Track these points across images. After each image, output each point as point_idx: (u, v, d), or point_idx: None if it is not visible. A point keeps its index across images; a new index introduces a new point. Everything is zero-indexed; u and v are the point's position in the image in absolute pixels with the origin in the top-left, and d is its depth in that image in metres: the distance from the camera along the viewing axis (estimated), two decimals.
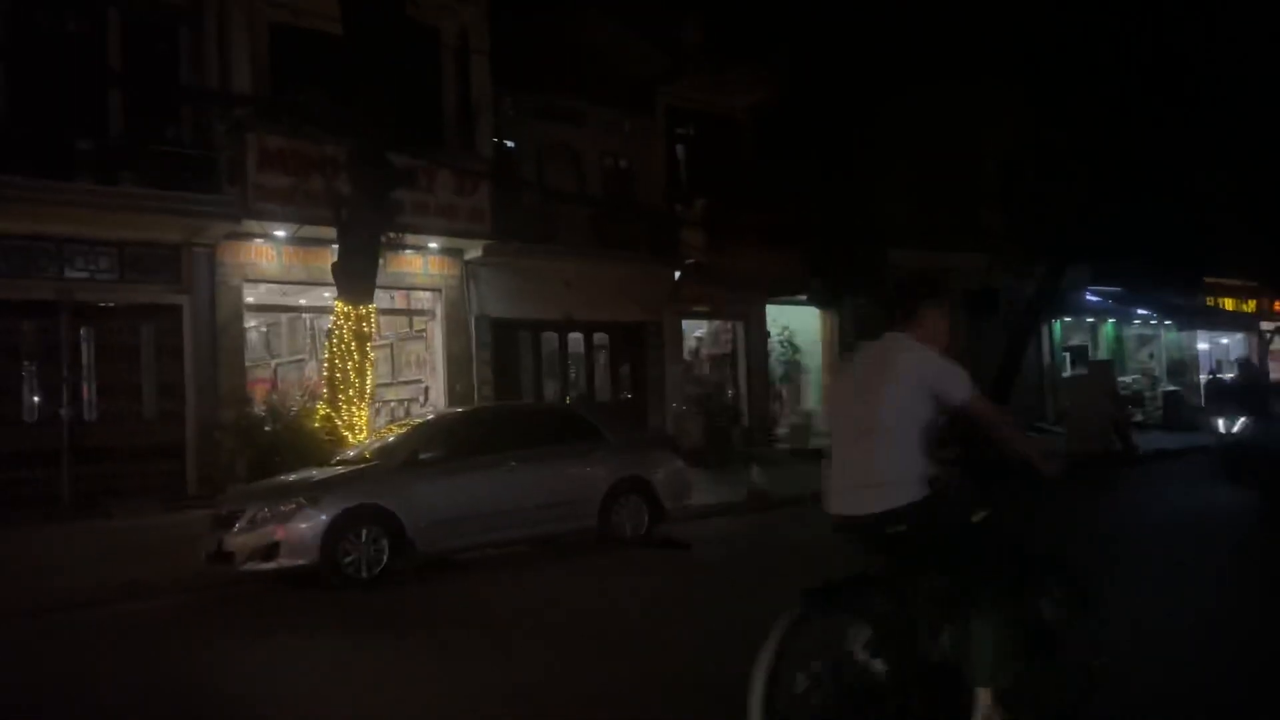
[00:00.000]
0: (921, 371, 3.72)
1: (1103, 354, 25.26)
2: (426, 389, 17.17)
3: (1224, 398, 14.57)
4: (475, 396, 16.52)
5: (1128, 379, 25.18)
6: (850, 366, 4.20)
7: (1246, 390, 14.53)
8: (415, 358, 17.53)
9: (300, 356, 18.27)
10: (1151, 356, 27.74)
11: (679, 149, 19.76)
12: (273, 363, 18.79)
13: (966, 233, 21.20)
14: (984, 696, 3.56)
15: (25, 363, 13.35)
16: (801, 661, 3.43)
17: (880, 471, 3.64)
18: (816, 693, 3.42)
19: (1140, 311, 26.28)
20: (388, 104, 12.78)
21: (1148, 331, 27.58)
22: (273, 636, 7.10)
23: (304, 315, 17.40)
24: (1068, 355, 25.24)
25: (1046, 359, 24.52)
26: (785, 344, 21.00)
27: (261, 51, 14.42)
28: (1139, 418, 22.64)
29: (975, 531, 3.72)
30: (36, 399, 13.40)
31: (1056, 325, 24.73)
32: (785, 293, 19.76)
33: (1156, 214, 22.68)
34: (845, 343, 20.73)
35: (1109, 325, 26.31)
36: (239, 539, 8.30)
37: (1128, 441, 17.48)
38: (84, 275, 13.65)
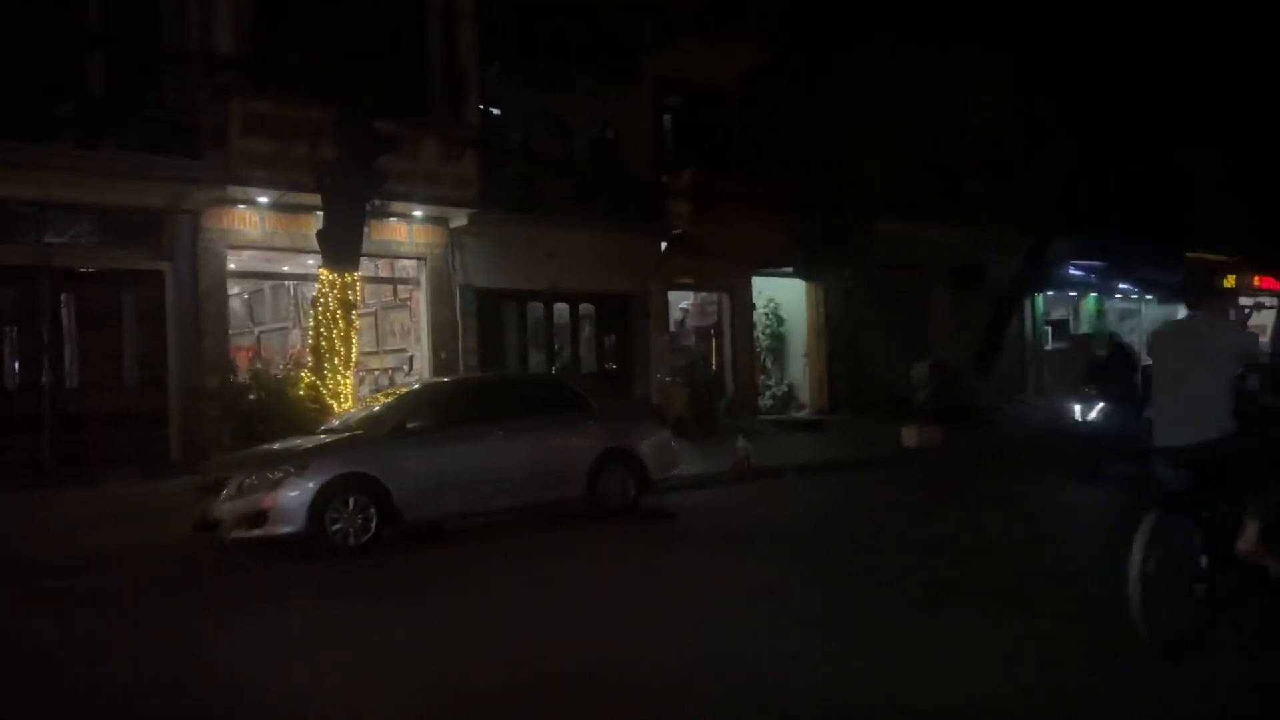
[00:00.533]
0: (1235, 339, 5.32)
1: (1084, 328, 25.43)
2: (411, 358, 17.11)
3: (1091, 379, 12.65)
4: (460, 366, 16.48)
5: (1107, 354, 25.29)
6: (1170, 335, 5.52)
7: (1113, 370, 12.66)
8: (400, 326, 17.45)
9: (283, 324, 18.14)
10: (1133, 331, 27.96)
11: (666, 119, 19.62)
12: (256, 330, 18.64)
13: (952, 205, 21.25)
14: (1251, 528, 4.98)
15: (5, 328, 13.21)
16: (1154, 548, 4.78)
17: (1202, 411, 4.96)
18: (1160, 572, 4.79)
19: (1122, 286, 26.44)
20: (373, 68, 12.64)
21: (1130, 306, 27.76)
22: (259, 604, 7.12)
23: (287, 283, 17.27)
24: (1049, 329, 25.41)
25: (1029, 332, 24.68)
26: (771, 316, 21.03)
27: (246, 11, 14.13)
28: None
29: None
30: (16, 365, 13.26)
31: (1039, 299, 24.87)
32: (771, 264, 19.75)
33: (1140, 188, 22.78)
34: (830, 314, 20.81)
35: (1091, 299, 26.47)
36: (226, 507, 8.28)
37: None
38: (64, 240, 13.46)
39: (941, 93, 20.16)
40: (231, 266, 14.76)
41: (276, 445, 9.59)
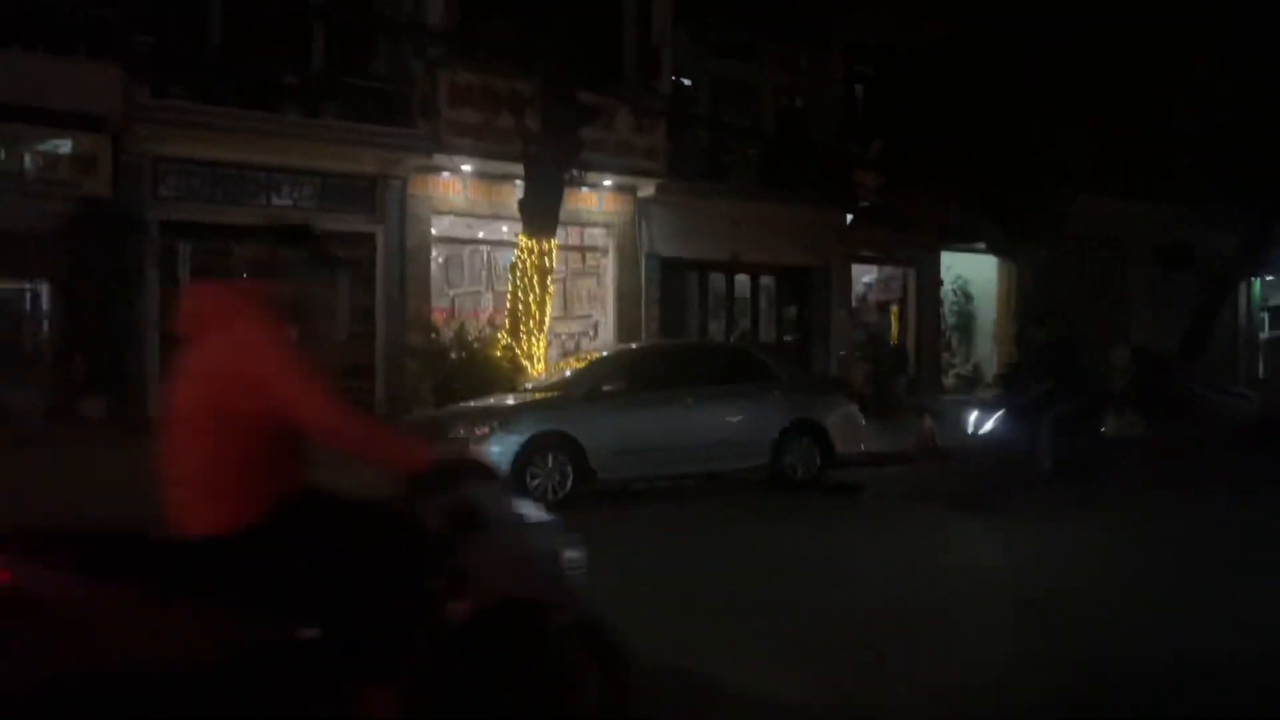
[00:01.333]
0: None
1: None
2: (596, 324, 17.59)
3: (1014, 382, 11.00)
4: (643, 333, 16.83)
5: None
6: None
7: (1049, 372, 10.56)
8: (586, 293, 17.92)
9: (475, 288, 18.96)
10: None
11: (856, 87, 19.23)
12: (450, 293, 19.56)
13: (1159, 179, 19.89)
14: None
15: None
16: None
17: None
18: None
19: None
20: (575, 39, 12.99)
21: None
22: None
23: (480, 248, 18.03)
24: (1266, 316, 23.53)
25: (1243, 319, 22.93)
26: (958, 292, 20.39)
27: None
28: None
29: None
30: None
31: (1255, 283, 23.05)
32: (961, 239, 19.12)
33: None
34: (1022, 292, 19.98)
35: None
36: None
37: None
38: (288, 203, 14.56)
39: (1150, 58, 18.84)
40: (434, 231, 15.59)
41: (481, 402, 10.16)
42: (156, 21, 12.79)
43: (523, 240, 13.19)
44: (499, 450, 8.76)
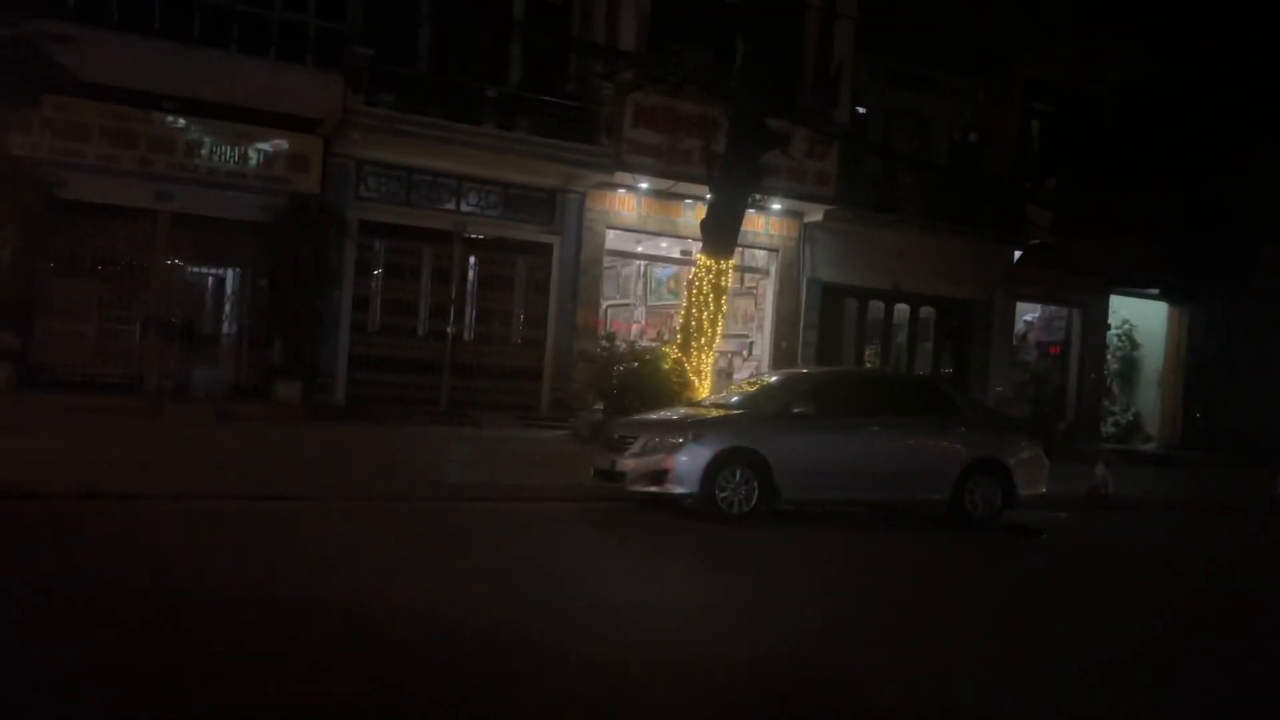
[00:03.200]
0: None
1: None
2: (751, 344, 17.81)
3: None
4: (799, 357, 16.96)
5: None
6: None
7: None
8: (743, 313, 18.17)
9: (628, 301, 19.43)
10: None
11: (1034, 124, 18.95)
12: (604, 304, 20.12)
13: None
14: None
15: (423, 283, 15.21)
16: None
17: None
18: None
19: None
20: (763, 66, 13.27)
21: None
22: (650, 552, 7.92)
23: (637, 263, 18.47)
24: None
25: None
26: (1124, 338, 19.81)
27: (645, 10, 15.31)
28: None
29: None
30: (427, 316, 15.25)
31: None
32: (1133, 284, 18.62)
33: None
34: (1193, 342, 19.28)
35: None
36: (631, 462, 9.17)
37: None
38: (475, 210, 15.31)
39: None
40: (606, 245, 16.08)
41: (654, 415, 10.45)
42: (375, 34, 13.65)
43: (701, 259, 13.51)
44: (688, 460, 9.02)
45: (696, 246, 14.29)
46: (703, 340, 13.48)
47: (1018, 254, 17.85)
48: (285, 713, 3.90)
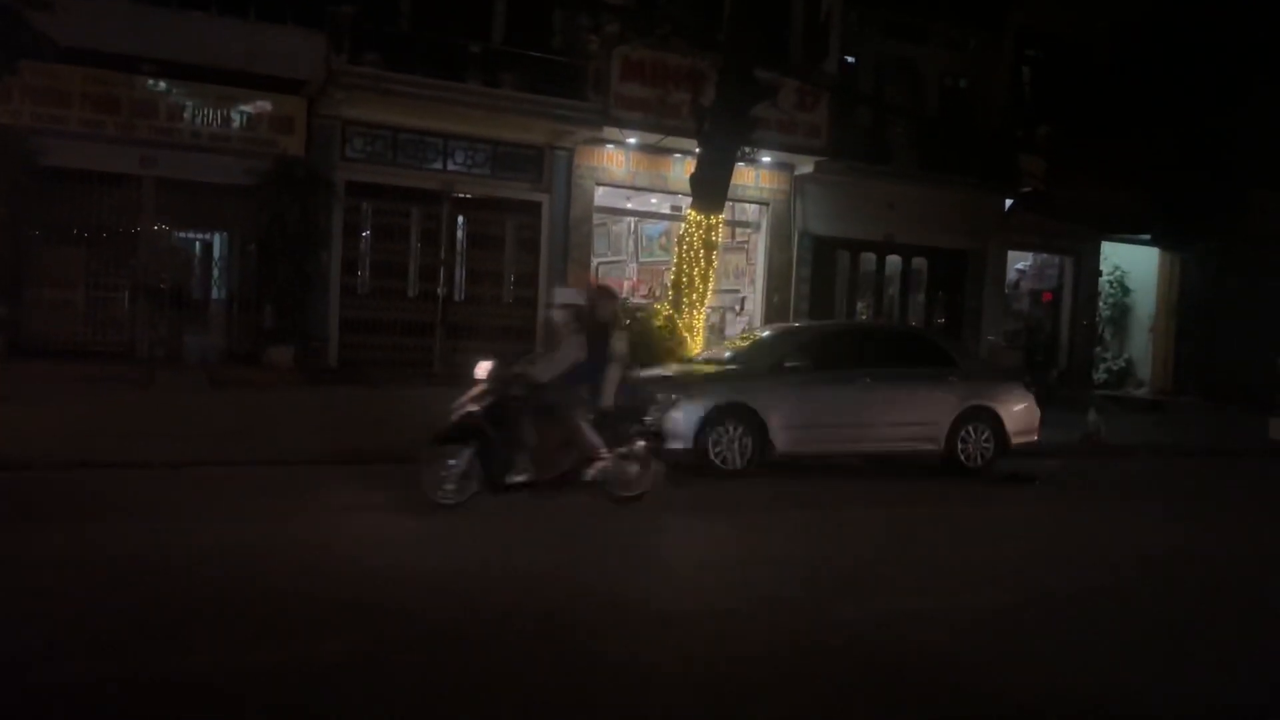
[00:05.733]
0: None
1: None
2: (743, 299, 17.75)
3: None
4: (791, 311, 16.93)
5: None
6: None
7: None
8: (734, 268, 18.09)
9: (620, 258, 19.32)
10: None
11: (1025, 71, 18.77)
12: (595, 261, 20.00)
13: None
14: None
15: (412, 244, 15.10)
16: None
17: None
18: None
19: None
20: (753, 18, 13.09)
21: None
22: (644, 508, 7.87)
23: (628, 220, 18.33)
24: None
25: None
26: (1116, 284, 19.82)
27: None
28: None
29: None
30: (418, 278, 15.17)
31: None
32: (1124, 230, 18.56)
33: None
34: (1184, 288, 19.29)
35: None
36: None
37: None
38: (462, 169, 15.15)
39: None
40: (596, 201, 15.96)
41: (645, 372, 10.43)
42: None
43: (691, 214, 13.43)
44: (682, 417, 9.05)
45: (687, 202, 14.19)
46: (694, 296, 13.44)
47: (1010, 203, 17.78)
48: (283, 672, 3.95)
